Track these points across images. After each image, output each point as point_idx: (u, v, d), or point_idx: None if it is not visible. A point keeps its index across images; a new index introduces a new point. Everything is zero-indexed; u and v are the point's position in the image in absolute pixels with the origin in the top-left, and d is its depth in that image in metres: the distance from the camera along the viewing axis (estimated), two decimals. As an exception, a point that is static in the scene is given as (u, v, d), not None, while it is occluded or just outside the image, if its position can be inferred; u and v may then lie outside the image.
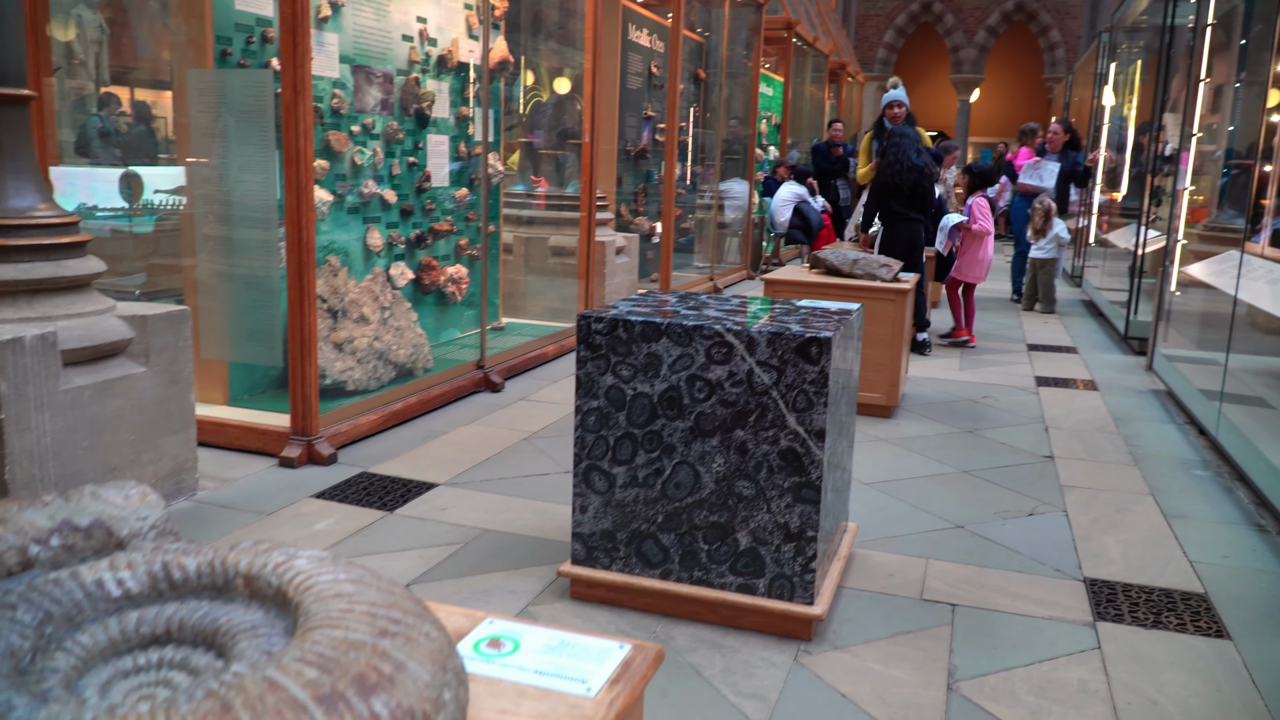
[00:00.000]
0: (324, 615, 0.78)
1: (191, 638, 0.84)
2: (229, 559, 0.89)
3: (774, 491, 2.43)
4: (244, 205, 3.71)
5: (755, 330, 2.38)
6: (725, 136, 10.65)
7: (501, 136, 6.14)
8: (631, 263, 7.53)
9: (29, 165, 2.86)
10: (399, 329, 4.64)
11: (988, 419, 4.91)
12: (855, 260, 4.92)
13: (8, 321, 2.71)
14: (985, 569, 2.99)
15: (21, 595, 0.82)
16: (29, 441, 2.66)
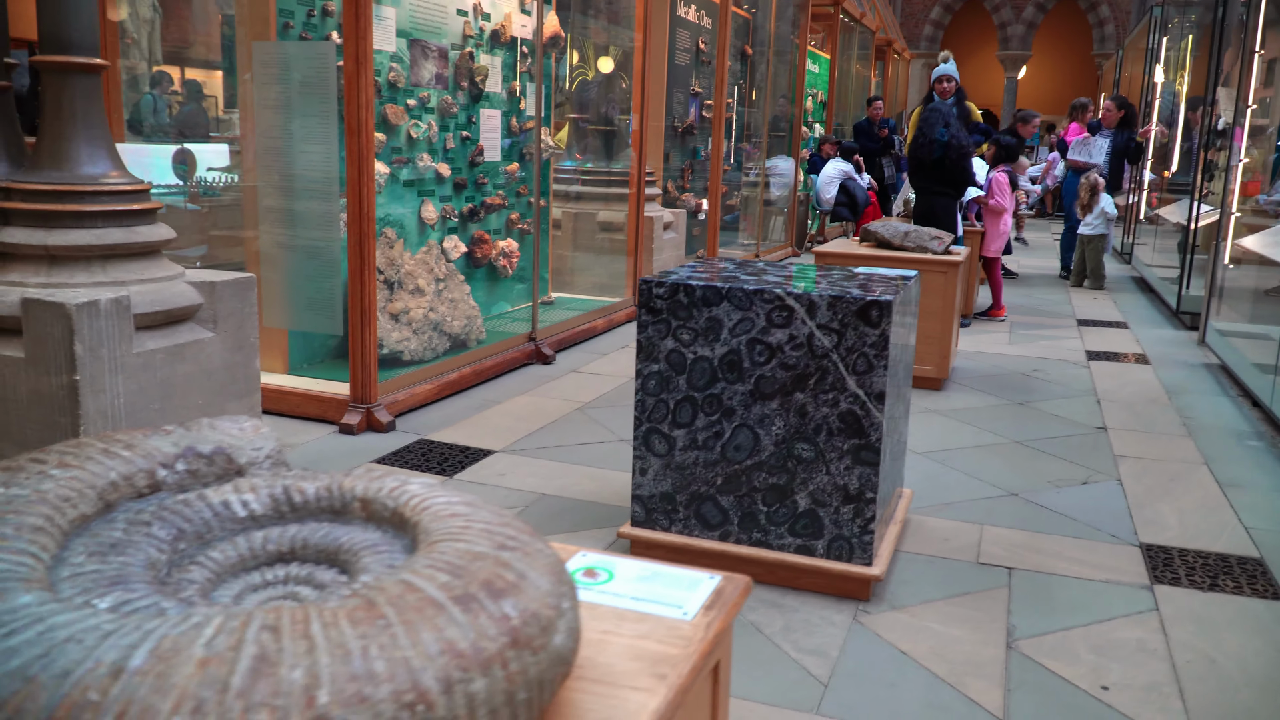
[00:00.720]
0: (445, 531, 0.82)
1: (314, 555, 0.88)
2: (345, 484, 0.93)
3: (833, 454, 2.46)
4: (305, 176, 3.78)
5: (816, 294, 2.40)
6: (772, 114, 10.59)
7: (552, 112, 6.17)
8: (679, 238, 7.54)
9: (101, 133, 2.93)
10: (453, 301, 4.70)
11: (1039, 391, 4.89)
12: (906, 233, 4.91)
13: (82, 285, 2.79)
14: (1040, 534, 3.00)
15: (154, 513, 0.87)
16: (103, 403, 2.74)
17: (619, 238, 6.84)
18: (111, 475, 0.87)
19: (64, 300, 2.65)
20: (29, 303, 2.66)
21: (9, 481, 0.83)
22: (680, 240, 7.60)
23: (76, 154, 2.87)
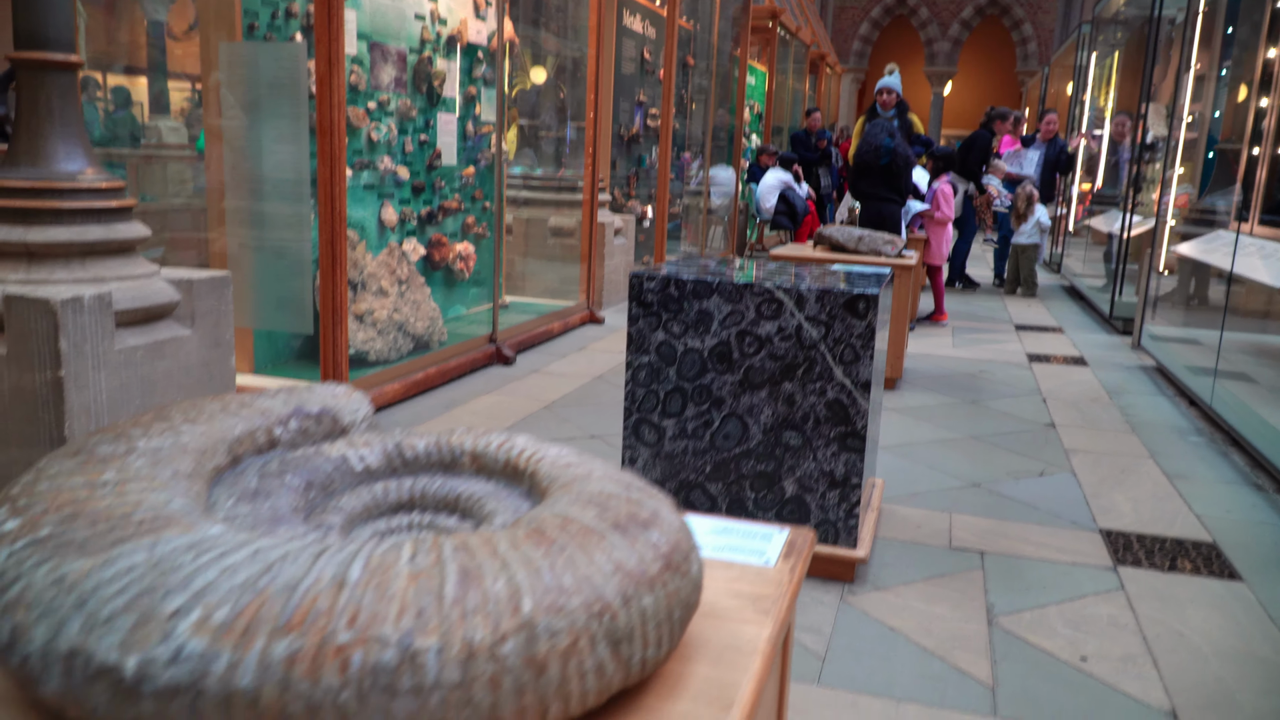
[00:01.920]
0: (570, 477, 0.87)
1: (433, 504, 0.93)
2: (453, 440, 0.98)
3: (820, 441, 2.54)
4: (275, 178, 3.77)
5: (805, 287, 2.49)
6: (714, 124, 10.74)
7: (504, 118, 6.20)
8: (628, 244, 7.62)
9: (77, 130, 2.90)
10: (415, 302, 4.71)
11: (987, 391, 5.06)
12: (860, 237, 5.04)
13: (63, 282, 2.76)
14: (1006, 521, 3.12)
15: (281, 466, 0.91)
16: (87, 399, 2.71)
17: (570, 243, 6.89)
18: (237, 430, 0.91)
19: (48, 296, 2.62)
20: (11, 299, 2.63)
21: (145, 435, 0.86)
22: (629, 246, 7.68)
23: (54, 151, 2.84)
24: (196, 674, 0.58)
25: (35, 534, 0.69)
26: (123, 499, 0.73)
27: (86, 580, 0.63)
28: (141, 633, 0.59)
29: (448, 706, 0.61)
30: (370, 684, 0.59)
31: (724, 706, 0.76)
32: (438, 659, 0.60)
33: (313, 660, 0.58)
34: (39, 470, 0.80)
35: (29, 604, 0.63)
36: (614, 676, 0.69)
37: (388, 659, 0.59)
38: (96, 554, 0.66)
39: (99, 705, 0.60)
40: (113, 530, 0.69)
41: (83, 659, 0.60)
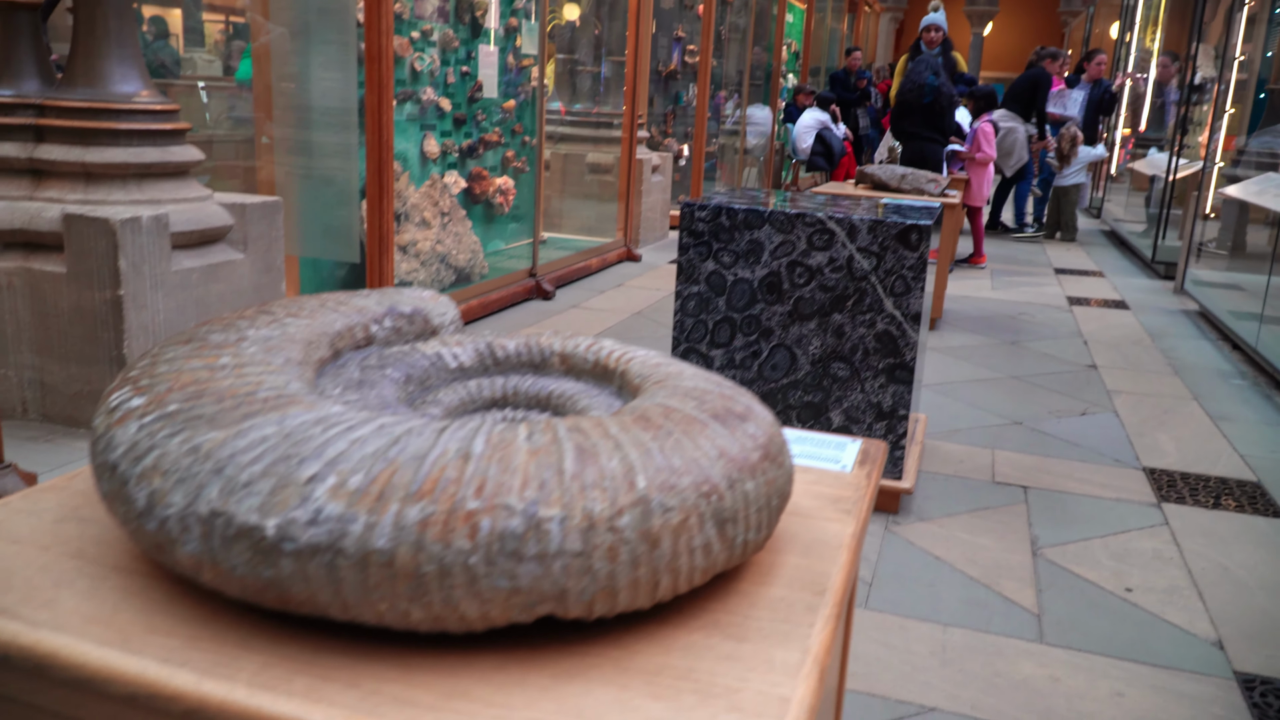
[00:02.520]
0: (662, 375, 0.89)
1: (525, 401, 0.95)
2: (542, 341, 1.00)
3: (868, 372, 2.55)
4: (322, 105, 3.77)
5: (857, 218, 2.48)
6: (752, 62, 10.60)
7: (543, 49, 6.15)
8: (665, 181, 7.58)
9: (133, 52, 2.92)
10: (457, 235, 4.73)
11: (1027, 332, 5.03)
12: (903, 175, 4.99)
13: (120, 203, 2.80)
14: (1049, 458, 3.13)
15: (380, 360, 0.93)
16: (145, 318, 2.77)
17: (607, 179, 6.86)
18: (337, 325, 0.93)
19: (107, 216, 2.66)
20: (71, 218, 2.68)
21: (252, 326, 0.89)
22: (666, 184, 7.65)
23: (110, 72, 2.87)
24: (335, 535, 0.61)
25: (163, 409, 0.72)
26: (243, 380, 0.76)
27: (222, 449, 0.66)
28: (280, 496, 0.62)
29: (568, 574, 0.63)
30: (498, 549, 0.61)
31: (817, 592, 0.79)
32: (560, 528, 0.63)
33: (444, 525, 0.61)
34: (154, 355, 0.82)
35: (165, 471, 0.66)
36: (719, 556, 0.71)
37: (514, 526, 0.62)
38: (228, 426, 0.68)
39: (237, 565, 0.63)
40: (239, 406, 0.71)
41: (223, 521, 0.63)
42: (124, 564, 0.74)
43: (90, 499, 0.86)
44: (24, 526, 0.79)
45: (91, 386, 2.78)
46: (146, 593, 0.70)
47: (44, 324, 2.79)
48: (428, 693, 0.61)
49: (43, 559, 0.74)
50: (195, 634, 0.65)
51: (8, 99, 2.84)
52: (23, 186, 2.82)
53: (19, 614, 0.66)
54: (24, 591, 0.69)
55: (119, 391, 0.77)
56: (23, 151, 2.82)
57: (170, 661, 0.62)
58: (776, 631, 0.72)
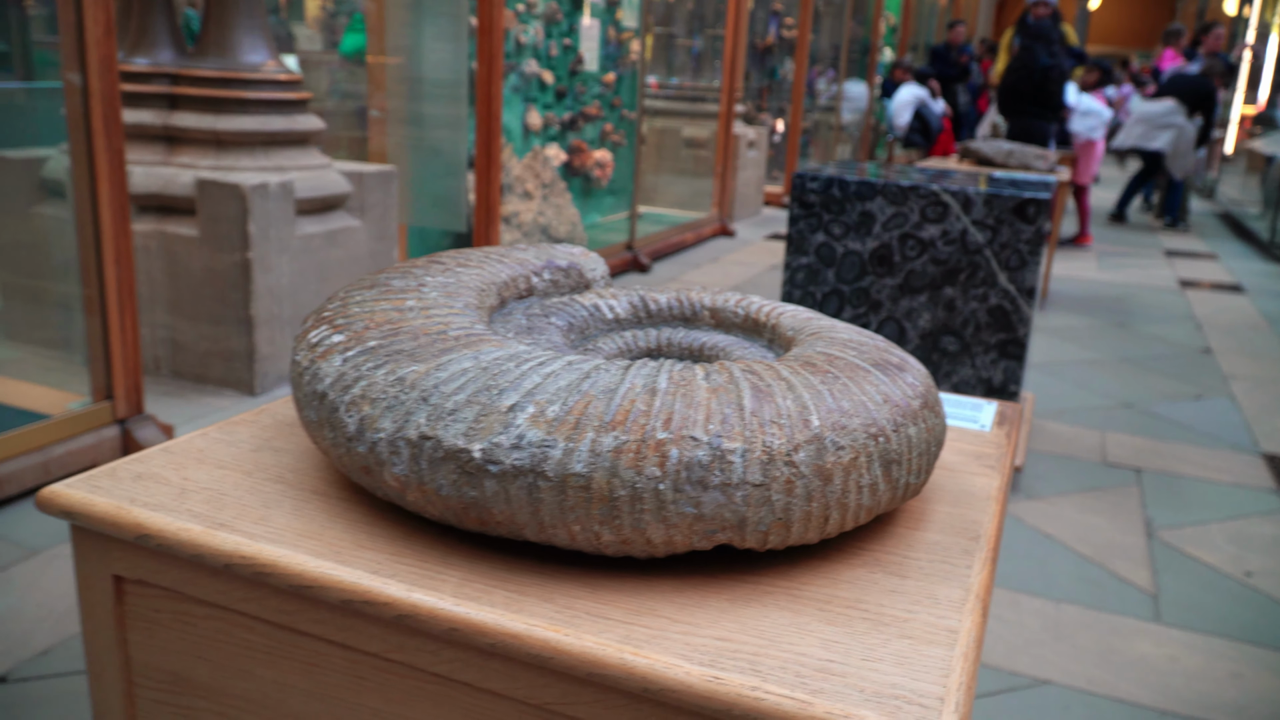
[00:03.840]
0: (815, 327, 0.92)
1: (678, 352, 0.99)
2: (692, 296, 1.04)
3: (979, 347, 2.54)
4: (433, 77, 3.85)
5: (973, 191, 2.46)
6: (849, 37, 10.46)
7: (646, 24, 6.17)
8: (760, 157, 7.55)
9: (262, 22, 3.03)
10: (558, 206, 4.80)
11: (1136, 314, 4.91)
12: (1010, 151, 4.90)
13: (248, 169, 2.92)
14: (1162, 441, 3.07)
15: (544, 309, 0.98)
16: (271, 281, 2.88)
17: (703, 154, 6.87)
18: (503, 276, 0.98)
19: (239, 181, 2.77)
20: (204, 184, 2.80)
21: (427, 273, 0.94)
22: (761, 160, 7.61)
23: (239, 42, 2.98)
24: (536, 459, 0.65)
25: (363, 345, 0.77)
26: (431, 320, 0.81)
27: (425, 380, 0.71)
28: (484, 423, 0.67)
29: (748, 504, 0.67)
30: (685, 477, 0.65)
31: (971, 537, 0.81)
32: (742, 460, 0.66)
33: (636, 452, 0.65)
34: (343, 298, 0.88)
35: (373, 399, 0.72)
36: (883, 495, 0.74)
37: (701, 456, 0.66)
38: (428, 360, 0.74)
39: (443, 486, 0.68)
40: (435, 343, 0.76)
41: (431, 444, 0.68)
42: (322, 488, 0.80)
43: (281, 431, 0.92)
44: (225, 454, 0.86)
45: (219, 345, 2.91)
46: (347, 514, 0.76)
47: (176, 285, 2.92)
48: (616, 609, 0.65)
49: (248, 482, 0.80)
50: (398, 550, 0.71)
51: (144, 68, 2.98)
52: (158, 152, 2.96)
53: (238, 528, 0.72)
54: (238, 510, 0.75)
55: (316, 329, 0.83)
56: (158, 119, 2.95)
57: (380, 573, 0.67)
58: (936, 571, 0.75)
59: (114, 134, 2.24)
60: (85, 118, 2.21)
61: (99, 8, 2.16)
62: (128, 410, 2.42)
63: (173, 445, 0.87)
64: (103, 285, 2.32)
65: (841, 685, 0.58)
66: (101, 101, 2.20)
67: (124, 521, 0.74)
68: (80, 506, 0.76)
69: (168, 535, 0.72)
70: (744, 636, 0.63)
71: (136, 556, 0.76)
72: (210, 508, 0.75)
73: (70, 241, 2.63)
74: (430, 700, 0.69)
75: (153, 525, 0.73)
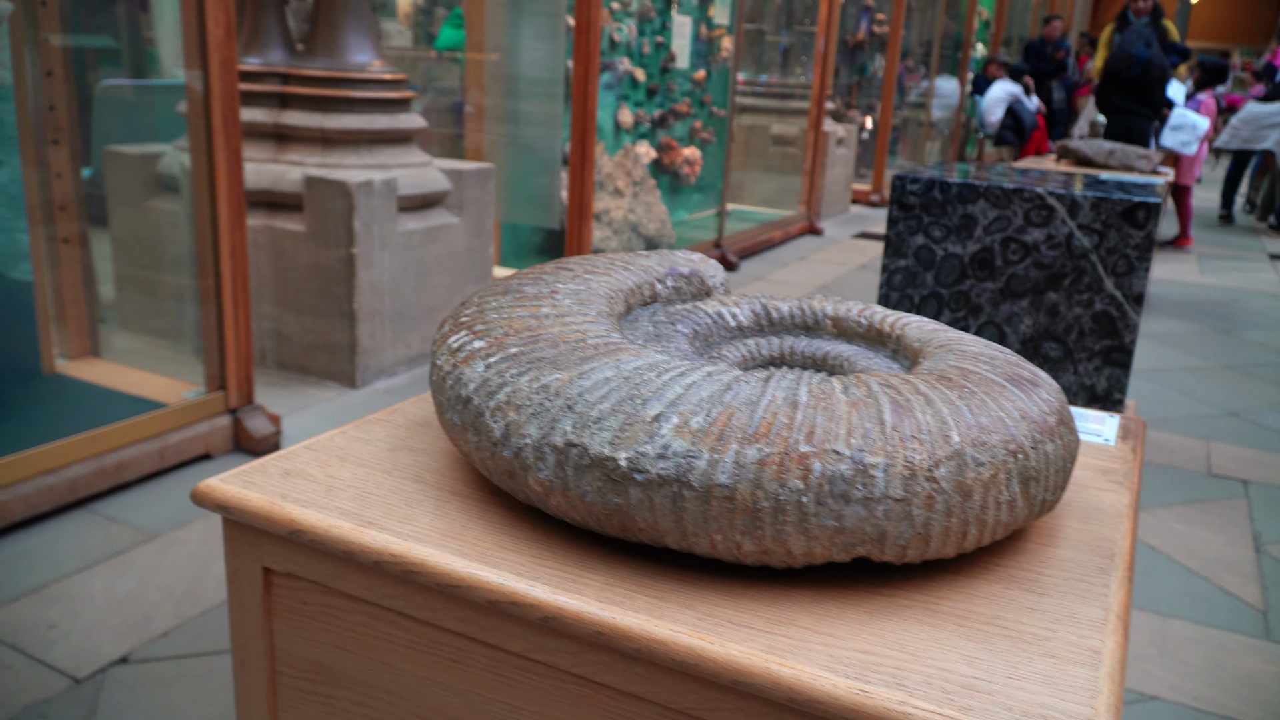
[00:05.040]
0: (941, 340, 0.92)
1: (802, 361, 1.00)
2: (814, 305, 1.04)
3: (1082, 354, 2.49)
4: (531, 75, 3.90)
5: (1079, 194, 2.41)
6: (941, 32, 10.29)
7: (739, 20, 6.15)
8: (849, 155, 7.48)
9: (368, 23, 3.11)
10: (648, 204, 4.82)
11: (1240, 320, 4.76)
12: (1111, 151, 4.77)
13: (354, 167, 2.99)
14: (1271, 453, 2.98)
15: (669, 316, 0.99)
16: (374, 276, 2.95)
17: (791, 151, 6.83)
18: (629, 283, 1.00)
19: (345, 179, 2.85)
20: (312, 180, 2.87)
21: (557, 279, 0.96)
22: (851, 157, 7.54)
23: (346, 43, 3.05)
24: (682, 469, 0.67)
25: (505, 351, 0.80)
26: (568, 328, 0.83)
27: (569, 388, 0.73)
28: (629, 432, 0.69)
29: (889, 518, 0.67)
30: (828, 490, 0.66)
31: (1106, 555, 0.81)
32: (884, 475, 0.67)
33: (780, 465, 0.66)
34: (478, 304, 0.91)
35: (519, 405, 0.74)
36: (1020, 512, 0.74)
37: (843, 470, 0.66)
38: (570, 368, 0.76)
39: (588, 492, 0.70)
40: (575, 350, 0.78)
41: (578, 451, 0.70)
42: (460, 489, 0.83)
43: (415, 430, 0.95)
44: (365, 452, 0.89)
45: (323, 338, 3.00)
46: (486, 515, 0.79)
47: (283, 278, 3.01)
48: (757, 618, 0.67)
49: (389, 481, 0.83)
50: (540, 554, 0.73)
51: (256, 68, 3.07)
52: (268, 150, 3.05)
53: (386, 526, 0.75)
54: (383, 508, 0.78)
55: (456, 335, 0.86)
56: (269, 117, 3.05)
57: (525, 575, 0.70)
58: (1074, 590, 0.74)
59: (232, 133, 2.32)
60: (206, 117, 2.30)
61: (220, 10, 2.24)
62: (239, 400, 2.51)
63: (315, 443, 0.91)
64: (219, 280, 2.41)
65: (989, 703, 0.59)
66: (221, 102, 2.28)
67: (277, 517, 0.77)
68: (235, 501, 0.79)
69: (320, 532, 0.75)
70: (886, 650, 0.64)
71: (287, 551, 0.80)
72: (357, 505, 0.78)
73: (184, 236, 2.73)
74: (569, 701, 0.71)
75: (305, 522, 0.76)
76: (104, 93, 3.07)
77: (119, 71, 3.15)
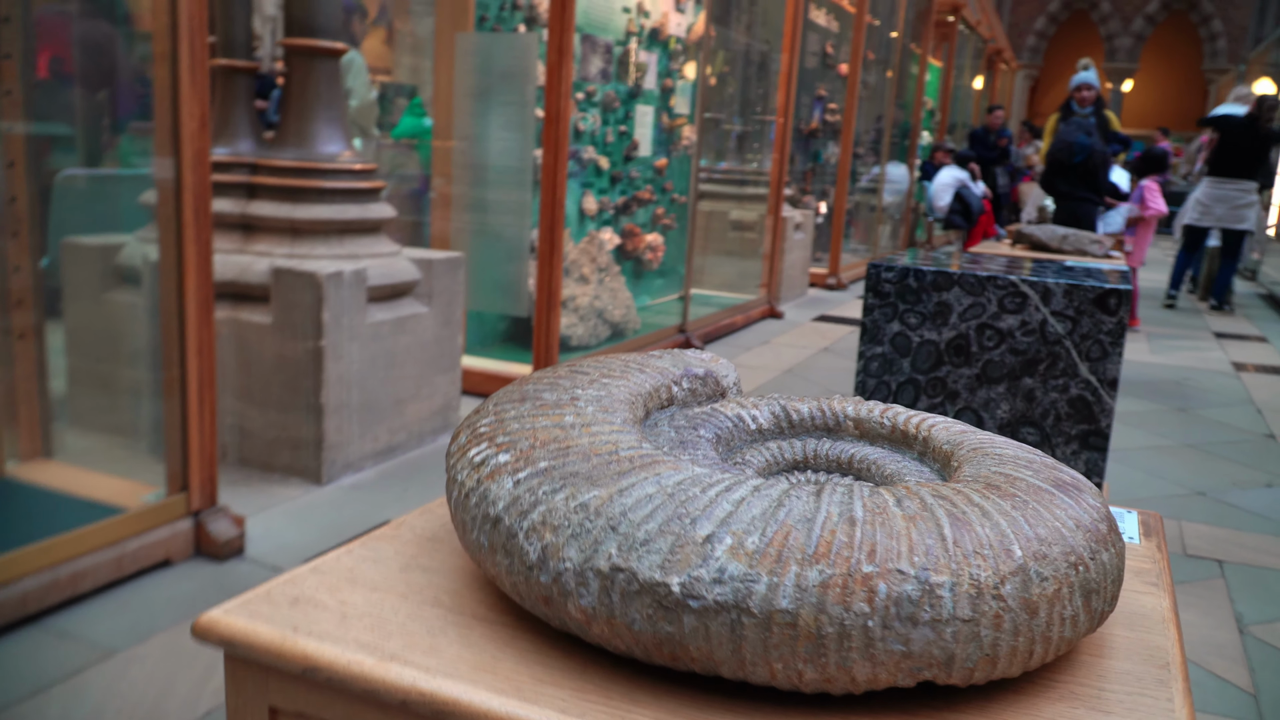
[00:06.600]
0: (974, 442, 0.90)
1: (826, 465, 0.97)
2: (834, 405, 1.02)
3: (1059, 439, 2.49)
4: (500, 164, 3.91)
5: (1052, 281, 2.44)
6: (894, 120, 10.58)
7: (700, 109, 6.27)
8: (807, 239, 7.59)
9: (339, 114, 3.10)
10: (613, 290, 4.82)
11: (1195, 399, 4.84)
12: (1064, 236, 4.88)
13: (323, 257, 2.96)
14: (1241, 532, 2.99)
15: (689, 420, 0.96)
16: (342, 369, 2.90)
17: (750, 236, 6.90)
18: (647, 386, 0.97)
19: (314, 270, 2.81)
20: (280, 272, 2.83)
21: (574, 385, 0.93)
22: (808, 241, 7.65)
23: (317, 133, 3.04)
24: (740, 594, 0.63)
25: (534, 466, 0.76)
26: (597, 439, 0.80)
27: (610, 506, 0.69)
28: (680, 554, 0.65)
29: (957, 640, 0.64)
30: (894, 612, 0.63)
31: (1160, 665, 0.78)
32: (951, 594, 0.64)
33: (843, 587, 0.63)
34: (496, 414, 0.87)
35: (556, 526, 0.70)
36: (1082, 627, 0.71)
37: (910, 591, 0.63)
38: (607, 484, 0.72)
39: (635, 620, 0.65)
40: (609, 464, 0.75)
41: (625, 576, 0.65)
42: (483, 613, 0.78)
43: (424, 547, 0.90)
44: (375, 574, 0.84)
45: (288, 433, 2.92)
46: (516, 642, 0.74)
47: (247, 372, 2.95)
48: (821, 753, 0.62)
49: (406, 606, 0.78)
50: (580, 686, 0.68)
51: (225, 158, 3.04)
52: (234, 240, 3.01)
53: (411, 660, 0.70)
54: (404, 639, 0.73)
55: (476, 447, 0.82)
56: (236, 207, 3.01)
57: (569, 712, 0.65)
58: (1139, 705, 0.71)
59: (203, 226, 2.28)
60: (176, 209, 2.25)
61: (195, 101, 2.21)
62: (202, 502, 2.42)
63: (322, 564, 0.86)
64: (184, 376, 2.34)
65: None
66: (193, 194, 2.24)
67: (290, 653, 0.72)
68: (242, 636, 0.73)
69: (338, 668, 0.70)
70: (963, 785, 0.60)
71: (297, 689, 0.74)
72: (376, 636, 0.73)
73: (144, 330, 2.66)
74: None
75: (322, 658, 0.71)
76: (64, 182, 3.01)
77: (73, 161, 3.11)
